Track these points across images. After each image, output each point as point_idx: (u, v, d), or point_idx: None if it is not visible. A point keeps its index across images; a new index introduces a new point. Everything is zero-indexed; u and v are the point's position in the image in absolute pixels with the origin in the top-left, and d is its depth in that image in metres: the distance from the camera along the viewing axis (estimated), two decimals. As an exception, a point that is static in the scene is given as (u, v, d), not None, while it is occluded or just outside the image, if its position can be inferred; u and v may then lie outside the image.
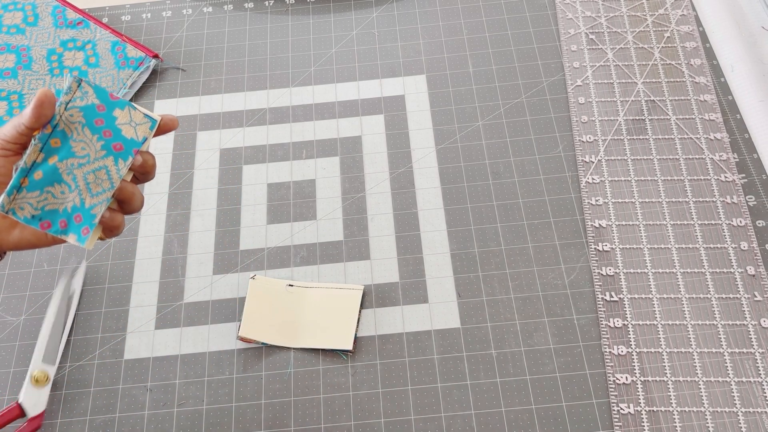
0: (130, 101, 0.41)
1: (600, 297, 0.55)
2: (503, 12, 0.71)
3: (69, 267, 0.56)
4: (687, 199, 0.59)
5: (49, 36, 0.69)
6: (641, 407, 0.50)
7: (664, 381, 0.51)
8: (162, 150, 0.65)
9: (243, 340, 0.54)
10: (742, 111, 0.64)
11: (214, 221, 0.61)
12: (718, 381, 0.51)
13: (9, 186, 0.37)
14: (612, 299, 0.55)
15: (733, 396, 0.50)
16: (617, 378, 0.51)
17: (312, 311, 0.55)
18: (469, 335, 0.54)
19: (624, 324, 0.54)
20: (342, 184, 0.62)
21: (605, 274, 0.56)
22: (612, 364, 0.52)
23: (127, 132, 0.40)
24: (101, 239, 0.41)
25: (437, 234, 0.59)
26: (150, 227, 0.61)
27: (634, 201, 0.59)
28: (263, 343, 0.54)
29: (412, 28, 0.71)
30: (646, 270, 0.56)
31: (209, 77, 0.69)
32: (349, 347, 0.53)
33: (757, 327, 0.53)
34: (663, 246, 0.57)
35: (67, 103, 0.38)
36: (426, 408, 0.51)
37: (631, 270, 0.56)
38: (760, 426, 0.49)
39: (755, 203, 0.59)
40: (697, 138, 0.62)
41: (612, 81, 0.66)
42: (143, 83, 0.67)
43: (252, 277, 0.57)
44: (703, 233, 0.57)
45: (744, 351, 0.52)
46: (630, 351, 0.52)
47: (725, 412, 0.50)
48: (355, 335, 0.54)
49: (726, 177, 0.60)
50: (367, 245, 0.59)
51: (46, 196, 0.38)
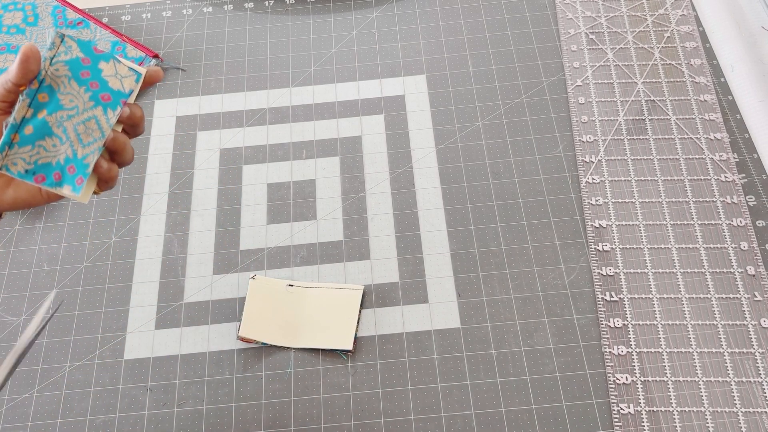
0: (114, 54, 0.42)
1: (600, 297, 0.55)
2: (503, 12, 0.71)
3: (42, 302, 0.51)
4: (687, 199, 0.59)
5: (50, 36, 0.69)
6: (641, 407, 0.50)
7: (664, 381, 0.51)
8: (162, 150, 0.65)
9: (243, 340, 0.54)
10: (742, 111, 0.64)
11: (214, 221, 0.61)
12: (718, 381, 0.51)
13: (0, 142, 0.37)
14: (612, 299, 0.55)
15: (733, 396, 0.50)
16: (617, 378, 0.51)
17: (312, 311, 0.55)
18: (469, 335, 0.54)
19: (624, 324, 0.54)
20: (342, 184, 0.62)
21: (605, 274, 0.56)
22: (612, 364, 0.52)
23: (114, 84, 0.41)
24: (96, 193, 0.41)
25: (437, 234, 0.59)
26: (150, 227, 0.61)
27: (634, 201, 0.59)
28: (263, 343, 0.54)
29: (412, 28, 0.71)
30: (646, 270, 0.56)
31: (209, 77, 0.69)
32: (349, 347, 0.53)
33: (757, 327, 0.53)
34: (663, 246, 0.57)
35: (52, 58, 0.39)
36: (426, 408, 0.51)
37: (631, 270, 0.56)
38: (760, 426, 0.49)
39: (755, 203, 0.59)
40: (697, 138, 0.62)
41: (612, 81, 0.66)
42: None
43: (252, 277, 0.57)
44: (703, 233, 0.57)
45: (744, 351, 0.52)
46: (630, 351, 0.52)
47: (725, 412, 0.50)
48: (355, 335, 0.54)
49: (726, 177, 0.60)
50: (367, 245, 0.59)
51: (38, 150, 0.38)
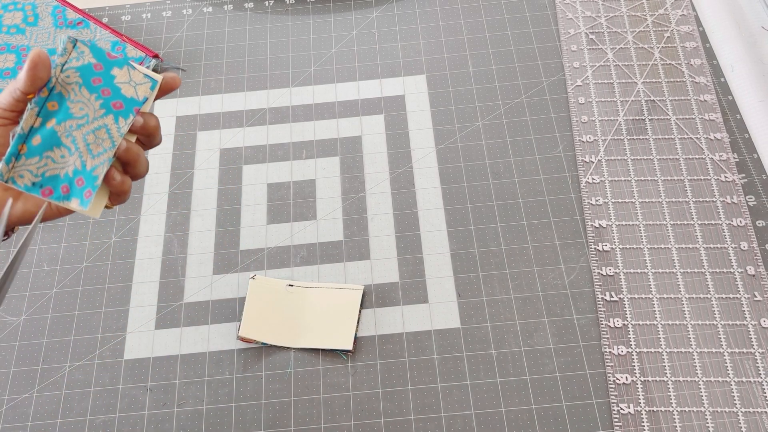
0: (129, 61, 0.39)
1: (600, 297, 0.55)
2: (503, 12, 0.71)
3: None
4: (687, 199, 0.59)
5: (49, 36, 0.69)
6: (641, 407, 0.50)
7: (664, 381, 0.51)
8: (162, 150, 0.65)
9: (243, 340, 0.54)
10: (742, 111, 0.64)
11: (214, 221, 0.61)
12: (718, 381, 0.51)
13: (7, 154, 0.35)
14: (612, 299, 0.55)
15: (733, 396, 0.50)
16: (617, 378, 0.51)
17: (312, 311, 0.55)
18: (469, 335, 0.54)
19: (624, 324, 0.54)
20: (342, 184, 0.62)
21: (605, 274, 0.56)
22: (612, 364, 0.52)
23: (127, 91, 0.38)
24: (108, 207, 0.39)
25: (437, 234, 0.59)
26: (150, 227, 0.61)
27: (634, 201, 0.59)
28: (263, 343, 0.54)
29: (412, 28, 0.71)
30: (646, 270, 0.56)
31: (209, 77, 0.69)
32: (349, 347, 0.53)
33: (757, 327, 0.53)
34: (663, 246, 0.57)
35: (63, 65, 0.37)
36: (426, 408, 0.51)
37: (631, 270, 0.56)
38: (760, 426, 0.49)
39: (755, 203, 0.59)
40: (697, 138, 0.62)
41: (612, 81, 0.66)
42: (143, 83, 0.67)
43: (252, 277, 0.57)
44: (703, 233, 0.57)
45: (744, 351, 0.52)
46: (630, 351, 0.52)
47: (725, 412, 0.50)
48: (355, 335, 0.54)
49: (726, 177, 0.60)
50: (367, 245, 0.59)
51: (45, 161, 0.36)
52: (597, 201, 0.59)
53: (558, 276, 0.56)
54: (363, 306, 0.56)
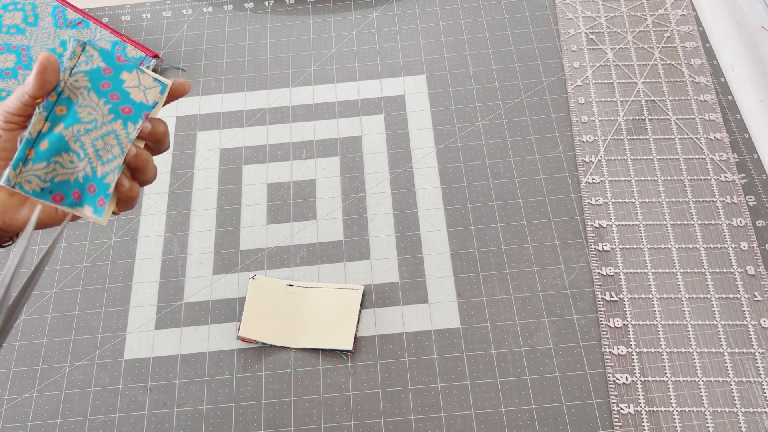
0: (138, 65, 0.38)
1: (600, 297, 0.55)
2: (503, 12, 0.71)
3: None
4: (687, 199, 0.59)
5: (49, 36, 0.69)
6: (641, 407, 0.50)
7: (664, 381, 0.51)
8: (162, 150, 0.64)
9: (243, 340, 0.54)
10: (742, 111, 0.64)
11: (214, 221, 0.61)
12: (718, 381, 0.51)
13: (14, 158, 0.35)
14: (612, 299, 0.55)
15: (733, 396, 0.50)
16: (617, 378, 0.51)
17: (312, 311, 0.55)
18: (469, 335, 0.54)
19: (624, 324, 0.54)
20: (342, 184, 0.62)
21: (605, 274, 0.56)
22: (612, 364, 0.52)
23: (136, 95, 0.38)
24: (115, 213, 0.39)
25: (437, 234, 0.59)
26: (150, 227, 0.61)
27: (634, 201, 0.59)
28: (263, 343, 0.54)
29: (412, 28, 0.71)
30: (646, 270, 0.56)
31: (209, 77, 0.69)
32: (349, 347, 0.53)
33: (757, 327, 0.53)
34: (663, 246, 0.57)
35: (72, 69, 0.36)
36: (426, 408, 0.51)
37: (631, 270, 0.56)
38: (760, 426, 0.49)
39: (755, 203, 0.59)
40: (697, 138, 0.62)
41: (612, 81, 0.66)
42: (143, 83, 0.67)
43: (252, 277, 0.57)
44: (703, 233, 0.57)
45: (744, 351, 0.52)
46: (630, 351, 0.52)
47: (725, 412, 0.50)
48: (355, 335, 0.54)
49: (726, 177, 0.60)
50: (367, 245, 0.59)
51: (54, 166, 0.35)
52: (597, 201, 0.59)
53: (558, 276, 0.56)
54: (363, 306, 0.56)
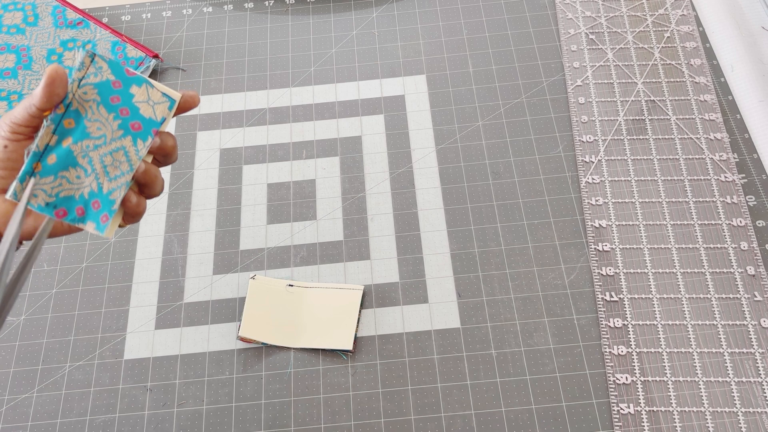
0: (147, 78, 0.38)
1: (600, 297, 0.55)
2: (503, 12, 0.71)
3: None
4: (687, 199, 0.59)
5: (49, 36, 0.69)
6: (641, 407, 0.50)
7: (664, 381, 0.51)
8: (162, 150, 0.64)
9: (243, 340, 0.54)
10: (742, 111, 0.64)
11: (214, 221, 0.61)
12: (718, 381, 0.51)
13: (21, 172, 0.35)
14: (612, 299, 0.55)
15: (733, 396, 0.50)
16: (617, 378, 0.51)
17: (312, 311, 0.55)
18: (469, 335, 0.54)
19: (624, 324, 0.54)
20: (342, 184, 0.62)
21: (605, 274, 0.56)
22: (612, 364, 0.52)
23: (146, 111, 0.37)
24: (121, 226, 0.39)
25: (437, 234, 0.59)
26: (150, 227, 0.61)
27: (634, 201, 0.59)
28: (263, 343, 0.54)
29: (412, 28, 0.71)
30: (646, 270, 0.56)
31: (209, 77, 0.69)
32: (349, 347, 0.53)
33: (757, 327, 0.53)
34: (663, 246, 0.57)
35: (81, 80, 0.36)
36: (426, 408, 0.51)
37: (631, 270, 0.56)
38: (760, 426, 0.49)
39: (755, 203, 0.59)
40: (697, 138, 0.62)
41: (612, 81, 0.66)
42: (143, 83, 0.67)
43: (252, 277, 0.57)
44: (703, 233, 0.57)
45: (744, 351, 0.52)
46: (630, 351, 0.52)
47: (725, 412, 0.50)
48: (355, 335, 0.54)
49: (726, 177, 0.60)
50: (367, 245, 0.59)
51: (60, 181, 0.35)
52: (597, 201, 0.59)
53: (558, 276, 0.56)
54: (363, 306, 0.56)
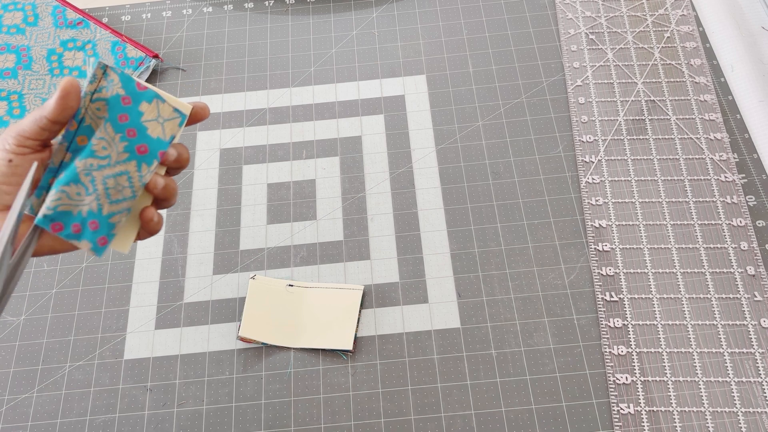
0: (157, 92, 0.36)
1: (600, 297, 0.55)
2: (503, 12, 0.71)
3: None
4: (687, 199, 0.59)
5: (49, 36, 0.69)
6: (641, 407, 0.50)
7: (664, 381, 0.51)
8: (162, 150, 0.64)
9: (243, 340, 0.54)
10: (742, 111, 0.64)
11: (214, 221, 0.61)
12: (718, 381, 0.51)
13: (38, 187, 0.34)
14: (612, 299, 0.55)
15: (733, 396, 0.50)
16: (617, 378, 0.51)
17: (312, 311, 0.55)
18: (469, 335, 0.54)
19: (624, 324, 0.54)
20: (342, 184, 0.62)
21: (605, 274, 0.56)
22: (612, 364, 0.52)
23: (154, 130, 0.36)
24: (135, 240, 0.38)
25: (437, 234, 0.59)
26: (150, 227, 0.61)
27: (634, 201, 0.59)
28: (263, 343, 0.54)
29: (412, 28, 0.71)
30: (646, 270, 0.56)
31: (209, 77, 0.69)
32: (349, 347, 0.53)
33: (757, 327, 0.53)
34: (663, 246, 0.57)
35: (93, 93, 0.34)
36: (426, 408, 0.51)
37: (631, 270, 0.56)
38: (760, 426, 0.49)
39: (755, 203, 0.59)
40: (697, 138, 0.62)
41: (612, 81, 0.66)
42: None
43: (252, 277, 0.57)
44: (703, 233, 0.57)
45: (744, 351, 0.52)
46: (630, 351, 0.52)
47: (725, 412, 0.50)
48: (355, 335, 0.54)
49: (726, 177, 0.60)
50: (367, 245, 0.59)
51: (60, 195, 0.34)
52: (597, 201, 0.59)
53: (558, 276, 0.56)
54: (363, 306, 0.56)
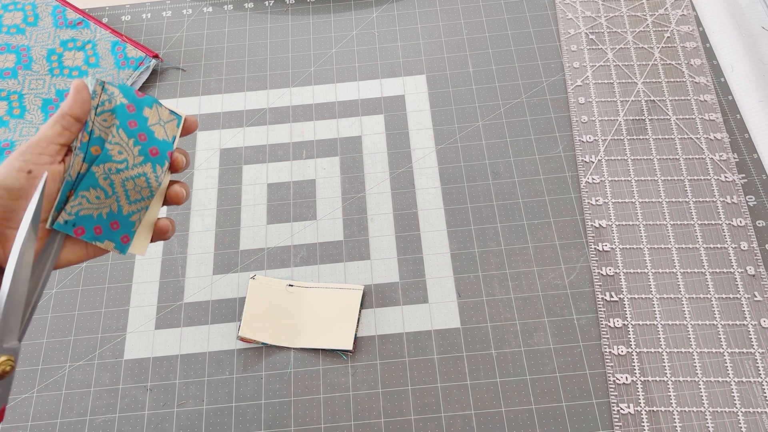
0: (154, 97, 0.40)
1: (600, 297, 0.55)
2: (503, 12, 0.71)
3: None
4: (687, 199, 0.59)
5: (49, 36, 0.69)
6: (641, 407, 0.50)
7: (664, 381, 0.51)
8: (162, 150, 0.65)
9: (243, 340, 0.54)
10: (742, 111, 0.64)
11: (214, 221, 0.61)
12: (718, 381, 0.51)
13: (57, 201, 0.36)
14: (612, 299, 0.55)
15: (733, 396, 0.50)
16: (617, 378, 0.51)
17: (312, 311, 0.55)
18: (469, 335, 0.54)
19: (624, 324, 0.54)
20: (342, 184, 0.62)
21: (605, 274, 0.56)
22: (612, 364, 0.52)
23: (159, 133, 0.39)
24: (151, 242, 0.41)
25: (437, 234, 0.59)
26: (150, 227, 0.61)
27: (634, 201, 0.59)
28: (263, 343, 0.54)
29: (412, 28, 0.71)
30: (646, 270, 0.56)
31: (209, 77, 0.69)
32: (349, 347, 0.53)
33: (757, 327, 0.53)
34: (663, 246, 0.57)
35: (96, 107, 0.37)
36: (426, 408, 0.51)
37: (631, 270, 0.56)
38: (760, 426, 0.49)
39: (755, 203, 0.59)
40: (697, 138, 0.62)
41: (612, 81, 0.66)
42: (143, 83, 0.67)
43: (252, 277, 0.57)
44: (703, 233, 0.57)
45: (744, 351, 0.52)
46: (630, 351, 0.52)
47: (725, 412, 0.50)
48: (355, 335, 0.54)
49: (726, 177, 0.60)
50: (367, 245, 0.59)
51: (80, 200, 0.36)
52: (597, 201, 0.59)
53: (558, 276, 0.56)
54: (363, 306, 0.56)
